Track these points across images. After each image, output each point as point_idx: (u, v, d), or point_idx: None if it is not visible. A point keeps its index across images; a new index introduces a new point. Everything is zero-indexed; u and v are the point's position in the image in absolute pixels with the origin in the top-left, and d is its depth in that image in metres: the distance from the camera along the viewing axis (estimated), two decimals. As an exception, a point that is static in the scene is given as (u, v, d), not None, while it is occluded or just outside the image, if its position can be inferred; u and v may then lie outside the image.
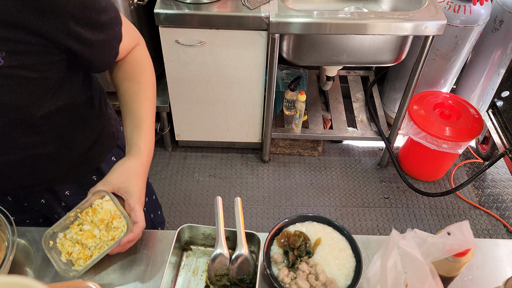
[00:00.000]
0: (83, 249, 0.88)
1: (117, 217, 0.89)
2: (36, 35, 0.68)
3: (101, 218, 0.88)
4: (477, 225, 2.22)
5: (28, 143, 0.87)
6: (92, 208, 0.89)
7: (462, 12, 2.01)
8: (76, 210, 0.89)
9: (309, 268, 0.89)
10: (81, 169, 1.04)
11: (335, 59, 2.03)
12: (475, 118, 2.15)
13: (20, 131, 0.83)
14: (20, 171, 0.92)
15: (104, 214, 0.89)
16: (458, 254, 0.78)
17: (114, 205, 0.88)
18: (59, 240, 0.88)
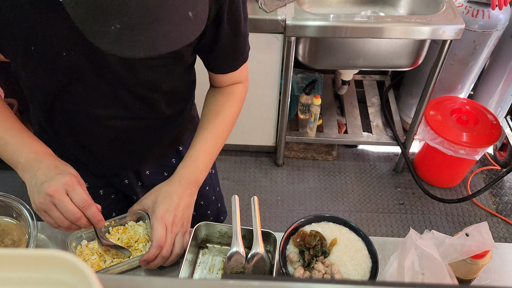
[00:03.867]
0: (99, 261, 0.89)
1: (145, 241, 0.92)
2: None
3: (128, 237, 0.91)
4: (494, 233, 2.18)
5: (145, 116, 0.92)
6: (125, 227, 0.93)
7: (481, 16, 2.00)
8: (110, 221, 0.92)
9: (325, 268, 0.89)
10: (166, 149, 1.07)
11: (351, 63, 2.03)
12: (493, 124, 2.13)
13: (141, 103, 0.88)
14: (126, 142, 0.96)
15: (133, 234, 0.92)
16: (476, 256, 0.77)
17: (146, 229, 0.91)
18: (80, 247, 0.90)
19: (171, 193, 0.89)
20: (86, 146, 0.96)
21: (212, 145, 0.96)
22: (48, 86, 0.81)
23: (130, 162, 1.05)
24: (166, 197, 0.89)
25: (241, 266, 0.90)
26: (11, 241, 0.92)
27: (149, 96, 0.88)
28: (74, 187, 0.75)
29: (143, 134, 0.98)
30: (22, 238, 0.92)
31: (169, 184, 0.91)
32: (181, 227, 0.89)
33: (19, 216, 0.93)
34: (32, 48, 0.72)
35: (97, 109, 0.86)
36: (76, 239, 0.91)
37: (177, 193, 0.90)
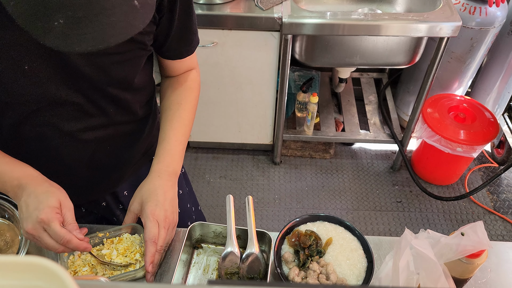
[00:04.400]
0: (91, 272, 0.88)
1: (141, 252, 0.91)
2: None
3: (125, 247, 0.90)
4: (491, 231, 2.18)
5: (121, 120, 0.90)
6: (120, 237, 0.92)
7: (478, 14, 1.99)
8: (105, 233, 0.91)
9: (320, 267, 0.88)
10: (141, 160, 1.05)
11: (348, 61, 2.02)
12: (490, 122, 2.12)
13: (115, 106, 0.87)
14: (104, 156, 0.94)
15: (130, 244, 0.91)
16: (471, 256, 0.76)
17: (141, 242, 0.91)
18: (72, 257, 0.89)
19: (155, 188, 0.87)
20: (61, 172, 0.90)
21: (181, 133, 0.95)
22: (16, 108, 0.76)
23: (108, 182, 1.01)
24: (150, 193, 0.87)
25: (235, 266, 0.90)
26: (4, 242, 0.91)
27: (121, 97, 0.86)
28: (49, 223, 0.74)
29: (120, 142, 0.95)
30: (15, 239, 0.91)
31: (149, 181, 0.89)
32: (172, 221, 0.88)
33: (12, 217, 0.92)
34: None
35: (71, 123, 0.82)
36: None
37: (161, 187, 0.88)
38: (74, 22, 0.52)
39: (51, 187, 0.78)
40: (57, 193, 0.78)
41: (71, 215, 0.78)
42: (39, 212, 0.74)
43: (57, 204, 0.76)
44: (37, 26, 0.52)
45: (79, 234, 0.77)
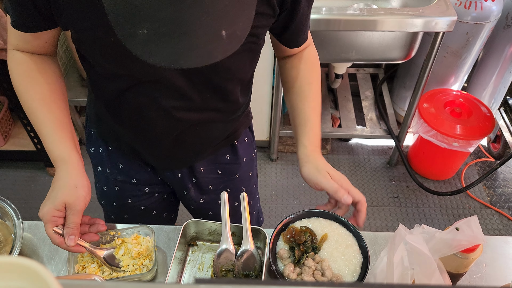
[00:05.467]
0: (98, 270, 0.88)
1: (150, 258, 0.91)
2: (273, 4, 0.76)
3: (139, 251, 0.91)
4: (488, 225, 2.19)
5: (216, 107, 0.92)
6: (138, 237, 0.93)
7: (473, 8, 1.98)
8: (117, 231, 0.92)
9: (315, 264, 0.88)
10: (221, 143, 1.06)
11: (343, 56, 2.02)
12: (486, 116, 2.12)
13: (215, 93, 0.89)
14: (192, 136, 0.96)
15: (145, 249, 0.91)
16: (466, 250, 0.76)
17: (153, 246, 0.91)
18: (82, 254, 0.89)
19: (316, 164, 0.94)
20: (149, 139, 0.95)
21: (319, 112, 0.99)
22: (124, 78, 0.81)
23: (188, 157, 1.04)
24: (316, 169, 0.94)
25: (230, 263, 0.89)
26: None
27: (223, 86, 0.88)
28: (44, 224, 0.80)
29: (209, 126, 0.96)
30: (8, 238, 0.91)
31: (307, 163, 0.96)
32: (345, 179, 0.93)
33: (5, 215, 0.92)
34: (112, 39, 0.71)
35: (169, 100, 0.85)
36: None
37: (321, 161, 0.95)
38: (156, 35, 0.52)
39: (67, 184, 0.82)
40: (68, 193, 0.81)
41: (74, 218, 0.80)
42: (41, 209, 0.81)
43: (59, 207, 0.80)
44: (124, 28, 0.53)
45: (71, 240, 0.79)
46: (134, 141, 0.97)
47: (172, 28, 0.52)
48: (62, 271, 0.91)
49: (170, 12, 0.50)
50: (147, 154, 1.00)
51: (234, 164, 1.12)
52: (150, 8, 0.50)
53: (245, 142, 1.13)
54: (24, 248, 0.94)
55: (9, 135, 2.30)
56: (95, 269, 0.88)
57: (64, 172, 0.83)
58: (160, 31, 0.52)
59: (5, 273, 0.26)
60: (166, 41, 0.53)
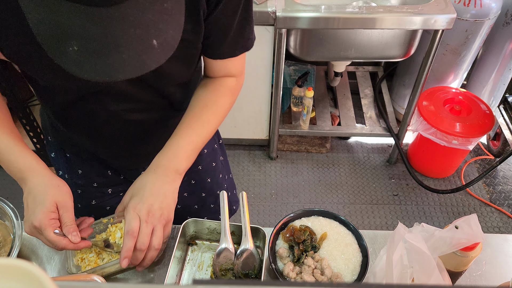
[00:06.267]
0: (97, 258, 0.88)
1: None
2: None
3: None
4: (488, 223, 2.19)
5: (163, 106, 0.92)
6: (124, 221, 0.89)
7: (473, 5, 1.98)
8: (109, 218, 0.91)
9: (315, 263, 0.88)
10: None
11: (343, 54, 2.01)
12: (486, 114, 2.12)
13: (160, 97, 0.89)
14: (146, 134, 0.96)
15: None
16: (466, 248, 0.76)
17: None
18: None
19: (145, 183, 0.83)
20: (104, 143, 0.96)
21: (197, 134, 0.89)
22: (71, 89, 0.80)
23: (148, 154, 1.00)
24: (140, 188, 0.84)
25: (230, 262, 0.89)
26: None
27: (166, 89, 0.88)
28: (43, 231, 0.76)
29: (159, 124, 0.96)
30: (7, 238, 0.91)
31: (143, 176, 0.86)
32: (160, 217, 0.80)
33: (4, 215, 0.91)
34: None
35: (118, 105, 0.85)
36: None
37: (151, 181, 0.83)
38: (87, 52, 0.53)
39: (49, 185, 0.79)
40: (55, 192, 0.79)
41: (69, 215, 0.79)
42: (34, 217, 0.76)
43: (52, 208, 0.77)
44: (54, 46, 0.53)
45: (75, 236, 0.77)
46: (91, 146, 0.97)
47: (101, 44, 0.52)
48: (62, 271, 0.90)
49: (97, 29, 0.51)
50: (107, 156, 1.00)
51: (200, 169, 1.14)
52: (77, 27, 0.50)
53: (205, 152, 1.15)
54: (23, 248, 0.94)
55: (8, 135, 2.29)
56: (94, 258, 0.87)
57: (38, 178, 0.80)
58: (89, 47, 0.52)
59: (2, 275, 0.26)
60: (97, 57, 0.53)
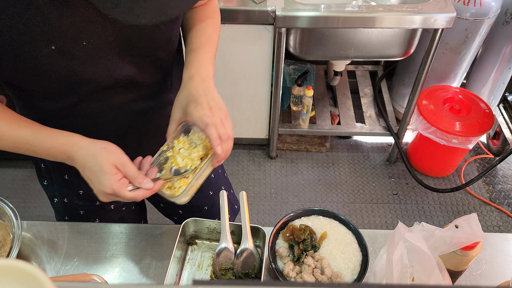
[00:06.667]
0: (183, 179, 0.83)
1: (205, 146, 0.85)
2: None
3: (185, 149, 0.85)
4: (487, 222, 2.19)
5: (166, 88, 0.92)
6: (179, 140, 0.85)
7: (472, 4, 1.98)
8: (167, 144, 0.85)
9: (315, 262, 0.88)
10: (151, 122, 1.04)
11: (342, 53, 2.01)
12: (485, 113, 2.12)
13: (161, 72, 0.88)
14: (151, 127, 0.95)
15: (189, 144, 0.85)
16: (466, 248, 0.76)
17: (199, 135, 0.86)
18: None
19: (188, 93, 0.82)
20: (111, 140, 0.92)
21: (209, 45, 0.90)
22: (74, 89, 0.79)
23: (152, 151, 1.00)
24: (187, 98, 0.81)
25: (230, 262, 0.89)
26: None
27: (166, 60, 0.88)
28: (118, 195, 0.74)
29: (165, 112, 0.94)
30: (7, 238, 0.90)
31: (182, 90, 0.83)
32: (220, 111, 0.81)
33: (3, 215, 0.91)
34: (53, 47, 0.70)
35: (124, 96, 0.85)
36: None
37: (194, 88, 0.82)
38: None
39: (97, 152, 0.76)
40: (106, 156, 0.75)
41: (131, 168, 0.76)
42: (103, 187, 0.74)
43: (113, 170, 0.75)
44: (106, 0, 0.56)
45: (148, 183, 0.76)
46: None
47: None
48: (62, 270, 0.90)
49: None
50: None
51: None
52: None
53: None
54: (23, 248, 0.94)
55: (7, 135, 2.29)
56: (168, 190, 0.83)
57: (82, 151, 0.76)
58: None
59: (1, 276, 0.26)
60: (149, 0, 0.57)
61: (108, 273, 0.91)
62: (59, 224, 0.99)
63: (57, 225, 0.99)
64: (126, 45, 0.78)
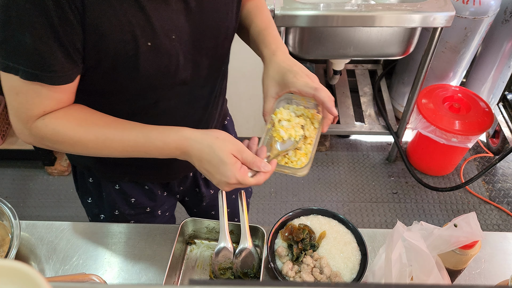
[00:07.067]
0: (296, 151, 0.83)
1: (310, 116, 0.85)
2: None
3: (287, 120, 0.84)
4: (487, 220, 2.19)
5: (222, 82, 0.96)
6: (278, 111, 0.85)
7: (472, 3, 1.98)
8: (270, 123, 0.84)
9: (314, 261, 0.88)
10: (219, 122, 1.07)
11: (342, 52, 2.01)
12: (485, 112, 2.12)
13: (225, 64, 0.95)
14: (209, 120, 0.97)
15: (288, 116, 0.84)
16: (465, 247, 0.76)
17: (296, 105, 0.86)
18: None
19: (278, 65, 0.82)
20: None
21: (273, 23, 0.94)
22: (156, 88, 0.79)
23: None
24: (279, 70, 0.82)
25: (229, 261, 0.89)
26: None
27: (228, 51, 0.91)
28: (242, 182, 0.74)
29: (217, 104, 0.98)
30: (6, 238, 0.90)
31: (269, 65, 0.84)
32: (314, 76, 0.82)
33: (2, 215, 0.91)
34: (149, 44, 0.70)
35: (194, 93, 0.86)
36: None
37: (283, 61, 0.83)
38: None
39: (211, 143, 0.74)
40: (221, 145, 0.74)
41: (247, 154, 0.75)
42: (226, 177, 0.73)
43: (232, 160, 0.73)
44: None
45: (266, 166, 0.75)
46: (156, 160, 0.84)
47: None
48: (60, 270, 0.90)
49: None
50: (170, 164, 0.94)
51: None
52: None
53: (228, 119, 1.20)
54: (21, 248, 0.94)
55: (6, 134, 2.29)
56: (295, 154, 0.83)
57: (197, 144, 0.74)
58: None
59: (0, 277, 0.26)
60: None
61: (107, 273, 0.91)
62: (58, 224, 0.99)
63: (56, 225, 0.99)
64: (204, 35, 0.79)
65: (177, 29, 0.74)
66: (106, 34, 0.67)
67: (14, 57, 0.65)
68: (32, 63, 0.65)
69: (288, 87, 0.80)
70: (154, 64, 0.74)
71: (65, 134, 0.74)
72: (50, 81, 0.68)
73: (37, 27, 0.62)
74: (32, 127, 0.73)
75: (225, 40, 0.86)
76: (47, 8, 0.61)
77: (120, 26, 0.67)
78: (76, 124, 0.74)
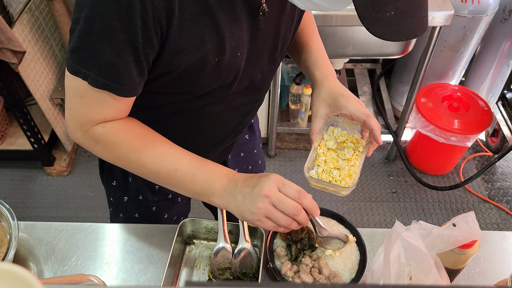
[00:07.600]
0: (341, 171, 0.86)
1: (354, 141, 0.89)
2: None
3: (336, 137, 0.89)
4: (486, 219, 2.19)
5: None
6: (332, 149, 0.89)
7: (470, 2, 1.98)
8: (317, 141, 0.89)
9: (313, 261, 0.88)
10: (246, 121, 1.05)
11: (340, 52, 2.01)
12: (484, 111, 2.12)
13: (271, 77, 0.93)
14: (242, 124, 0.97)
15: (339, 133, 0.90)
16: (464, 246, 0.76)
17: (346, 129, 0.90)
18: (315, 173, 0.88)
19: (330, 89, 0.89)
20: (213, 143, 0.96)
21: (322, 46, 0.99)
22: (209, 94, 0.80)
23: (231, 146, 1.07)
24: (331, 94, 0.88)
25: (228, 261, 0.89)
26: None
27: (279, 62, 0.91)
28: (284, 181, 0.75)
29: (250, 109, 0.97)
30: (4, 239, 0.90)
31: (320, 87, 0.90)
32: (363, 102, 0.89)
33: (0, 216, 0.91)
34: (216, 59, 0.71)
35: (239, 99, 0.87)
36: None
37: (334, 85, 0.89)
38: (400, 15, 0.58)
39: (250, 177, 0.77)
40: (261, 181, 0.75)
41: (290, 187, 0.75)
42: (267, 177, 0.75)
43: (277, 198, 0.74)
44: (370, 15, 0.58)
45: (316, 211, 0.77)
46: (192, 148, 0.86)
47: (410, 6, 0.59)
48: (59, 271, 0.90)
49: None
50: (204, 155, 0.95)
51: (252, 141, 1.17)
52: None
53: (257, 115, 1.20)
54: (20, 249, 0.94)
55: (5, 135, 2.29)
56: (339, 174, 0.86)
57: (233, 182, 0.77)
58: (402, 10, 0.58)
59: (-9, 280, 0.26)
60: (406, 18, 0.59)
61: (106, 273, 0.91)
62: (57, 224, 0.99)
63: (54, 225, 0.99)
64: (263, 52, 0.81)
65: (243, 47, 0.74)
66: (181, 52, 0.67)
67: (86, 64, 0.65)
68: (105, 73, 0.65)
69: (339, 110, 0.86)
70: (216, 77, 0.75)
71: (123, 146, 0.75)
72: (119, 93, 0.68)
73: (120, 44, 0.62)
74: (89, 131, 0.74)
75: (279, 56, 0.88)
76: (134, 28, 0.61)
77: (196, 46, 0.67)
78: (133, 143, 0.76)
